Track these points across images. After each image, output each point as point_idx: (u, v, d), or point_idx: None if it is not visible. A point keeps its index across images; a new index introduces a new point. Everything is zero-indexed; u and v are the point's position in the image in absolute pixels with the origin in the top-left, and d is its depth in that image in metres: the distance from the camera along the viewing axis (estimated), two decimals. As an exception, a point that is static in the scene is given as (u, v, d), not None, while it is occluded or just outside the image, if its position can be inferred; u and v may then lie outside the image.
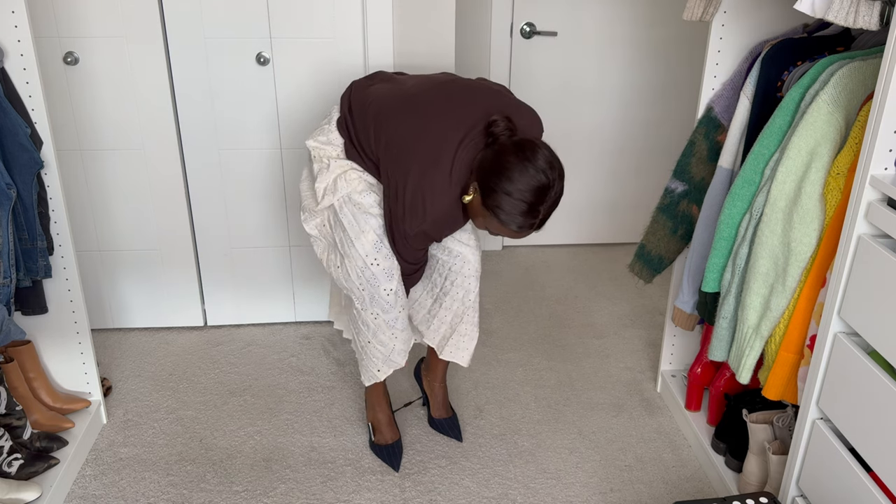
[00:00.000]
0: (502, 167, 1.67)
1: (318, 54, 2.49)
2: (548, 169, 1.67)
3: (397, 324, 1.99)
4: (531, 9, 3.17)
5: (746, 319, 1.78)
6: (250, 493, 2.09)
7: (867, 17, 1.33)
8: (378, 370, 2.07)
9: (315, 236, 2.05)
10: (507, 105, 1.84)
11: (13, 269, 1.87)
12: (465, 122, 1.78)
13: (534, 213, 1.68)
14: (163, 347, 2.74)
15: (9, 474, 1.95)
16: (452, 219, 1.85)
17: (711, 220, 2.01)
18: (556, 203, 1.72)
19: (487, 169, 1.70)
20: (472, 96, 1.84)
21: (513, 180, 1.66)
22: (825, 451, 1.58)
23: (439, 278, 2.09)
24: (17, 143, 1.88)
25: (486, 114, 1.78)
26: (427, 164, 1.76)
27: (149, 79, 2.45)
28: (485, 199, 1.71)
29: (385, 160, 1.83)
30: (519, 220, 1.69)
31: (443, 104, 1.82)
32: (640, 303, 3.11)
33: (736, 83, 2.02)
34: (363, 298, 1.95)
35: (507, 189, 1.66)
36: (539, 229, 1.74)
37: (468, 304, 2.10)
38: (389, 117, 1.82)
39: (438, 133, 1.77)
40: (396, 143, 1.80)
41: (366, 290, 1.94)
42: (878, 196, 1.41)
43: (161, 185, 2.60)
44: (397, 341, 2.03)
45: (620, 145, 3.46)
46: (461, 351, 2.15)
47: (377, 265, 1.91)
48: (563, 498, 2.09)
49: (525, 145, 1.69)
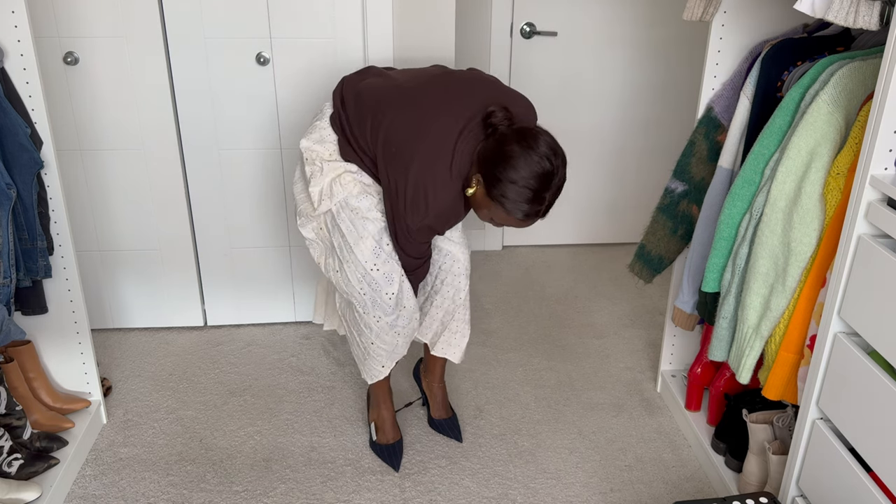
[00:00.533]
0: (505, 156, 1.67)
1: (318, 54, 2.49)
2: (551, 155, 1.67)
3: (398, 322, 1.99)
4: (531, 9, 3.17)
5: (746, 319, 1.78)
6: (250, 493, 2.09)
7: (867, 17, 1.33)
8: (382, 366, 2.07)
9: (311, 239, 2.04)
10: (502, 94, 1.84)
11: (13, 269, 1.87)
12: (463, 114, 1.78)
13: (539, 200, 1.68)
14: (163, 347, 2.74)
15: (9, 474, 1.95)
16: (455, 212, 1.85)
17: (711, 220, 2.01)
18: (560, 189, 1.72)
19: (490, 159, 1.70)
20: (469, 88, 1.84)
21: (517, 168, 1.65)
22: (825, 451, 1.58)
23: (430, 277, 2.10)
24: (17, 143, 1.88)
25: (483, 105, 1.78)
26: (427, 159, 1.76)
27: (149, 79, 2.45)
28: (489, 190, 1.70)
29: (384, 157, 1.82)
30: (525, 207, 1.69)
31: (439, 97, 1.81)
32: (640, 303, 3.11)
33: (736, 83, 2.02)
34: (365, 303, 1.95)
35: (511, 177, 1.66)
36: (544, 217, 1.74)
37: (458, 303, 2.11)
38: (386, 111, 1.81)
39: (437, 127, 1.77)
40: (395, 138, 1.79)
41: (367, 295, 1.93)
42: (878, 196, 1.41)
43: (161, 185, 2.60)
44: (400, 338, 2.03)
45: (620, 145, 3.46)
46: (453, 347, 2.17)
47: (377, 270, 1.91)
48: (563, 498, 2.09)
49: (527, 133, 1.69)
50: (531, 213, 1.71)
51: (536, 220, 1.74)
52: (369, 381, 2.13)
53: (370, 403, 2.30)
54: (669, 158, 3.49)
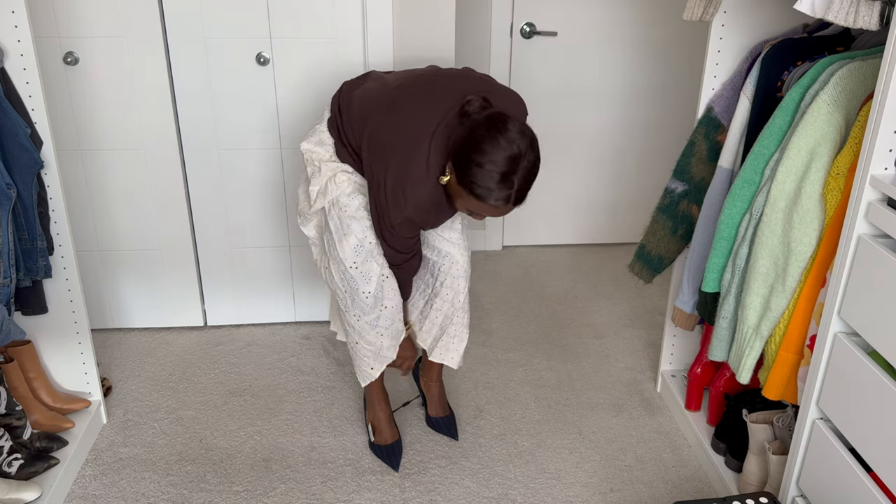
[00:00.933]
0: (473, 140, 1.66)
1: (318, 54, 2.49)
2: (519, 139, 1.65)
3: (380, 322, 2.00)
4: (531, 9, 3.17)
5: (746, 319, 1.78)
6: (250, 493, 2.09)
7: (867, 17, 1.33)
8: (371, 368, 2.08)
9: (313, 238, 2.07)
10: (490, 90, 1.84)
11: (13, 269, 1.87)
12: (441, 108, 1.78)
13: (508, 182, 1.65)
14: (163, 347, 2.74)
15: (9, 474, 1.95)
16: (436, 205, 1.84)
17: (711, 220, 2.01)
18: (532, 174, 1.69)
19: (459, 144, 1.69)
20: (452, 84, 1.84)
21: (483, 151, 1.64)
22: (825, 451, 1.58)
23: (431, 279, 2.11)
24: (17, 143, 1.88)
25: (463, 97, 1.77)
26: (404, 155, 1.77)
27: (149, 79, 2.45)
28: (459, 177, 1.69)
29: (368, 156, 1.85)
30: (494, 192, 1.66)
31: (421, 94, 1.82)
32: (640, 303, 3.11)
33: (736, 83, 2.02)
34: (346, 301, 1.99)
35: (478, 161, 1.64)
36: (519, 204, 1.71)
37: (457, 306, 2.11)
38: (370, 116, 1.84)
39: (415, 123, 1.78)
40: (377, 138, 1.82)
41: (348, 293, 1.97)
42: (878, 196, 1.41)
43: (161, 185, 2.60)
44: (384, 338, 2.04)
45: (620, 145, 3.46)
46: (451, 353, 2.16)
47: (355, 268, 1.93)
48: (563, 498, 2.09)
49: (496, 118, 1.67)
50: (501, 198, 1.67)
51: (511, 208, 1.71)
52: (362, 383, 2.13)
53: (366, 404, 2.30)
54: (669, 158, 3.49)
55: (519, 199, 1.70)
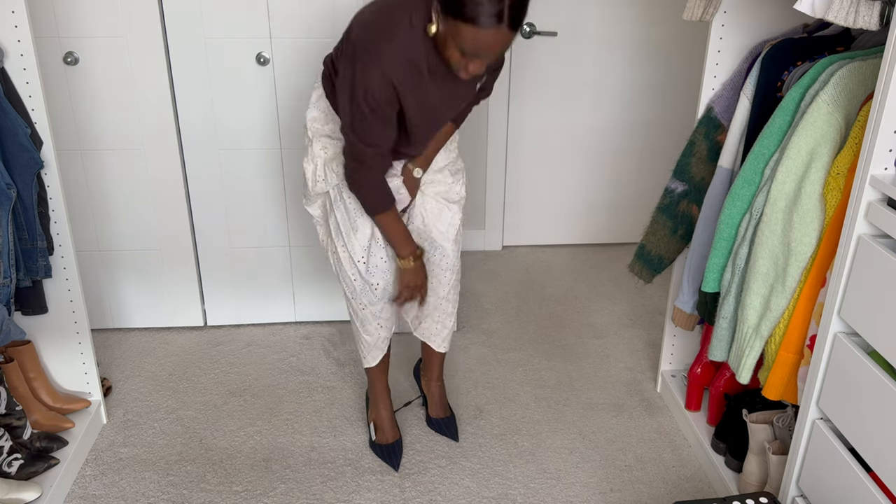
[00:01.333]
0: None
1: (318, 54, 2.49)
2: None
3: (383, 314, 2.09)
4: (531, 9, 3.16)
5: (746, 319, 1.78)
6: (250, 493, 2.09)
7: (867, 17, 1.33)
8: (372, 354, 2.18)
9: (318, 217, 2.09)
10: None
11: (13, 269, 1.87)
12: None
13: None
14: (163, 347, 2.74)
15: (9, 474, 1.95)
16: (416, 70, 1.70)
17: (711, 220, 2.01)
18: None
19: None
20: None
21: None
22: (825, 451, 1.58)
23: None
24: (17, 143, 1.88)
25: None
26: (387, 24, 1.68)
27: (149, 79, 2.45)
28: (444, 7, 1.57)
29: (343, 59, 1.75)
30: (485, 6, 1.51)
31: None
32: (640, 303, 3.11)
33: (736, 83, 2.02)
34: (353, 289, 2.04)
35: None
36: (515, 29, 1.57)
37: (441, 296, 2.14)
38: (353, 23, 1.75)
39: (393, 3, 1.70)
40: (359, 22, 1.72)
41: (357, 281, 2.01)
42: (878, 196, 1.41)
43: (161, 185, 2.60)
44: (382, 330, 2.12)
45: (620, 145, 3.46)
46: (435, 336, 2.21)
47: (363, 262, 1.99)
48: (563, 498, 2.09)
49: None
50: (493, 14, 1.52)
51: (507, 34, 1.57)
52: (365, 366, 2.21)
53: (369, 403, 2.31)
54: (669, 158, 3.49)
55: (514, 20, 1.56)
